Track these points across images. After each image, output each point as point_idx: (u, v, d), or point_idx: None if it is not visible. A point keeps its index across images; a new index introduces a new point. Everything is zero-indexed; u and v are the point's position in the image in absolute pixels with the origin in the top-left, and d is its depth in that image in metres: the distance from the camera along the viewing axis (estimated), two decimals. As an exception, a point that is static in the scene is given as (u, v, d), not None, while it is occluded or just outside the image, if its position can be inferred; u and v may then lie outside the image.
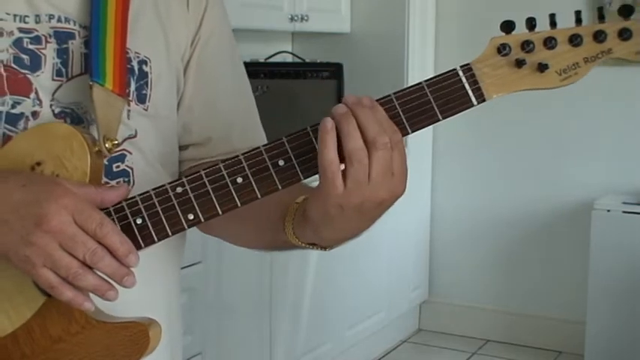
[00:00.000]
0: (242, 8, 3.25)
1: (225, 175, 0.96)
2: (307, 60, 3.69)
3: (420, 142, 4.09)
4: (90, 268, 0.92)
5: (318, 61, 3.60)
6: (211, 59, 1.15)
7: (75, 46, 1.02)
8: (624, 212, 3.58)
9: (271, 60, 3.62)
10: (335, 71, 3.44)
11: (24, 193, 0.91)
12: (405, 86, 0.96)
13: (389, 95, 0.95)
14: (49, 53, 1.00)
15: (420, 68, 3.93)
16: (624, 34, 0.94)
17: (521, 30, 0.96)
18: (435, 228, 4.30)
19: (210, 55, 1.14)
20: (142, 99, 1.06)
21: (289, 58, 3.81)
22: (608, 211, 3.61)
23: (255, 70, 3.37)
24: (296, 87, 3.41)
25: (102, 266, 0.92)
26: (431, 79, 0.95)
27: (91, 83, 0.99)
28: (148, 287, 1.02)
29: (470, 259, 4.25)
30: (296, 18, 3.55)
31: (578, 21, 0.95)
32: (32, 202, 0.90)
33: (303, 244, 1.02)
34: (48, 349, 0.97)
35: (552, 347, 4.04)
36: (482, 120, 4.10)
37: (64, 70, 1.01)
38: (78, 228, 0.91)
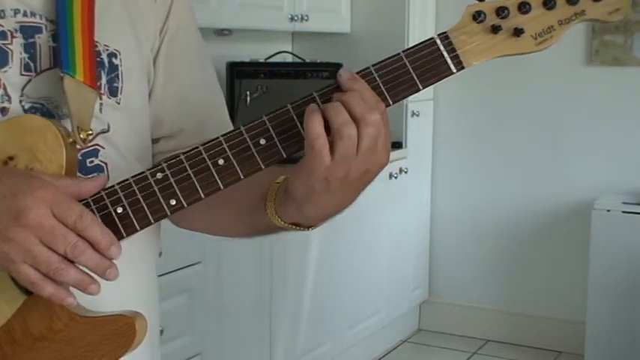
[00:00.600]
0: (242, 8, 3.25)
1: (206, 157, 0.94)
2: (307, 60, 3.69)
3: (420, 142, 4.09)
4: (71, 262, 0.90)
5: (318, 61, 3.60)
6: (180, 51, 1.13)
7: (42, 40, 1.00)
8: (624, 212, 3.58)
9: (271, 60, 3.62)
10: (335, 71, 3.43)
11: None
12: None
13: (368, 68, 0.95)
14: (16, 48, 0.98)
15: (420, 68, 3.93)
16: None
17: None
18: (435, 228, 4.30)
19: (179, 46, 1.13)
20: (113, 92, 1.04)
21: (289, 58, 3.80)
22: (608, 211, 3.61)
23: (255, 70, 3.37)
24: (296, 87, 3.40)
25: (83, 260, 0.90)
26: (409, 49, 0.96)
27: (61, 75, 0.97)
28: (126, 278, 0.99)
29: (470, 259, 4.25)
30: (296, 18, 3.55)
31: None
32: (8, 195, 0.88)
33: (286, 224, 1.00)
34: (30, 348, 0.94)
35: (552, 347, 4.04)
36: (482, 120, 4.10)
37: (32, 64, 0.99)
38: (57, 221, 0.88)
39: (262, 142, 0.94)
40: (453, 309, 4.30)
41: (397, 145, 3.87)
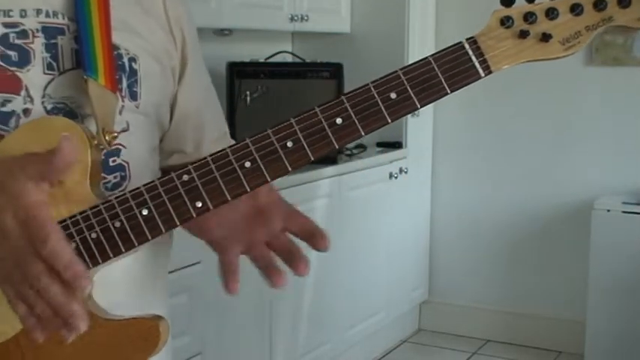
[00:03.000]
0: (242, 8, 3.25)
1: (233, 160, 0.94)
2: (307, 60, 3.69)
3: (420, 143, 4.09)
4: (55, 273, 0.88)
5: (318, 61, 3.60)
6: (196, 67, 1.15)
7: (64, 41, 1.00)
8: (624, 212, 3.58)
9: (271, 60, 3.62)
10: (335, 71, 3.44)
11: None
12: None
13: (396, 71, 0.96)
14: (38, 47, 0.98)
15: (420, 68, 3.93)
16: (624, 2, 0.95)
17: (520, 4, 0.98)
18: (435, 228, 4.30)
19: (194, 62, 1.14)
20: (133, 96, 1.05)
21: (289, 58, 3.80)
22: (608, 211, 3.61)
23: (255, 70, 3.37)
24: (296, 87, 3.41)
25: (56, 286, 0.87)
26: (437, 53, 0.96)
27: (85, 77, 0.98)
28: (144, 285, 1.01)
29: (470, 259, 4.25)
30: (296, 18, 3.55)
31: None
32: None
33: None
34: (52, 352, 0.93)
35: (552, 347, 4.05)
36: (482, 120, 4.10)
37: (54, 64, 0.99)
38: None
39: (289, 144, 0.94)
40: (453, 309, 4.30)
41: (397, 145, 3.87)
